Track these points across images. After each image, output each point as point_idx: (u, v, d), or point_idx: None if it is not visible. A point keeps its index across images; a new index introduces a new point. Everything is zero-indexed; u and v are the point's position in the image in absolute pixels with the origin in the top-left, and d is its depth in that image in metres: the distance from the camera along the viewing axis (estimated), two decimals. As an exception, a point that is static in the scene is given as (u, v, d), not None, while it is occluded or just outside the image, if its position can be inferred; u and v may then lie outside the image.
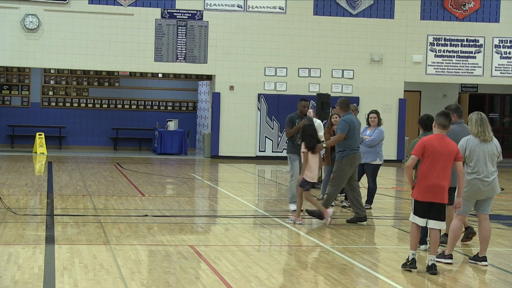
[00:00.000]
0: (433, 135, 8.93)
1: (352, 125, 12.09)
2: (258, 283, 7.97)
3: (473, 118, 9.23)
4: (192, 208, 13.89)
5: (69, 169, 20.08)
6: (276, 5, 25.81)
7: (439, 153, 8.71)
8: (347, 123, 12.06)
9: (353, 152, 12.07)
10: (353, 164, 12.12)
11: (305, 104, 13.16)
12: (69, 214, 12.25)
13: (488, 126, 9.21)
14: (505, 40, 26.89)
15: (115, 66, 25.50)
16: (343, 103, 12.44)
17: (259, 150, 25.69)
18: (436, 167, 8.71)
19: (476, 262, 9.27)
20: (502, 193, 16.05)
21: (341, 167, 12.07)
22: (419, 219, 8.80)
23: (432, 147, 8.72)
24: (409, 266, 8.74)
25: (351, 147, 12.07)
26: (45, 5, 24.51)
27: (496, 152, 9.26)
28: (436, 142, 8.75)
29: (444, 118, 8.85)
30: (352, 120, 12.18)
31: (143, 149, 28.51)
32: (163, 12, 25.20)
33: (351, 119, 12.19)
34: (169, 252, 9.38)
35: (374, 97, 26.14)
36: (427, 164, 8.74)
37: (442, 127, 8.84)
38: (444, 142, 8.78)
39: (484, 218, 9.33)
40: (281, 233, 11.34)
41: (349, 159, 12.04)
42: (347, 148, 12.05)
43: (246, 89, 25.69)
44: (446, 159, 8.73)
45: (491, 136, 9.23)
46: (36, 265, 8.44)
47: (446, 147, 8.75)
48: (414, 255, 8.76)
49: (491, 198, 9.38)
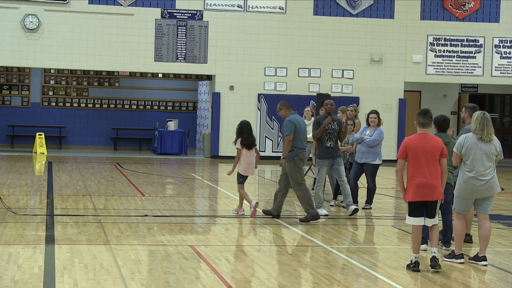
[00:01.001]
0: (415, 134, 8.97)
1: (298, 124, 12.24)
2: (258, 283, 7.97)
3: (475, 115, 9.26)
4: (192, 208, 13.89)
5: (69, 169, 20.08)
6: (276, 5, 25.82)
7: (422, 152, 8.73)
8: (293, 123, 12.20)
9: (301, 151, 12.23)
10: (302, 161, 12.27)
11: (328, 102, 13.04)
12: (69, 214, 12.25)
13: (489, 126, 9.19)
14: (505, 40, 26.89)
15: (115, 66, 25.50)
16: (286, 104, 12.51)
17: (259, 150, 25.65)
18: (421, 166, 8.73)
19: (476, 262, 9.27)
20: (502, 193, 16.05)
21: (294, 167, 12.18)
22: (415, 219, 8.81)
23: (414, 146, 8.76)
24: (413, 269, 8.75)
25: (299, 146, 12.21)
26: (45, 5, 24.51)
27: (495, 151, 9.25)
28: (417, 142, 8.79)
29: (422, 117, 8.93)
30: (297, 120, 12.32)
31: (143, 149, 28.51)
32: (163, 12, 25.20)
33: (296, 119, 12.33)
34: (169, 252, 9.38)
35: (374, 97, 26.14)
36: (412, 164, 8.80)
37: (422, 126, 8.92)
38: (427, 140, 8.81)
39: (484, 217, 9.32)
40: (281, 233, 11.34)
41: (298, 157, 12.19)
42: (295, 148, 12.19)
43: (246, 89, 25.69)
44: (430, 157, 8.75)
45: (490, 137, 9.19)
46: (36, 265, 8.44)
47: (428, 145, 8.76)
48: (417, 258, 8.78)
49: (491, 198, 9.35)
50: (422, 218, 8.81)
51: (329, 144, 12.75)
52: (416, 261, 8.76)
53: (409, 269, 8.78)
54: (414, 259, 8.77)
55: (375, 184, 14.05)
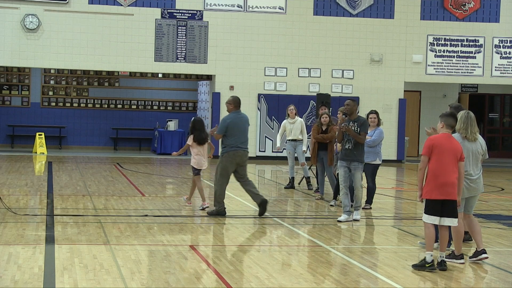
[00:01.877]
0: (440, 134, 9.07)
1: (232, 124, 12.40)
2: (258, 283, 7.98)
3: (460, 115, 9.36)
4: (192, 208, 13.89)
5: (69, 169, 20.08)
6: (276, 5, 25.82)
7: (447, 151, 8.86)
8: (227, 122, 12.43)
9: (233, 150, 12.40)
10: (234, 160, 12.44)
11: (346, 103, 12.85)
12: (69, 214, 12.25)
13: (473, 125, 9.34)
14: (505, 40, 26.89)
15: (115, 66, 25.50)
16: (236, 102, 12.67)
17: (259, 150, 25.70)
18: (445, 164, 8.84)
19: (477, 257, 9.31)
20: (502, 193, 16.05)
21: (222, 163, 12.49)
22: (433, 217, 8.86)
23: (440, 145, 8.88)
24: (428, 268, 8.74)
25: (232, 145, 12.39)
26: (45, 5, 24.52)
27: (481, 150, 9.41)
28: (444, 141, 8.91)
29: (452, 119, 9.06)
30: (233, 121, 12.44)
31: (143, 149, 28.51)
32: (163, 12, 25.20)
33: (233, 118, 12.47)
34: (169, 252, 9.38)
35: (374, 97, 26.14)
36: (436, 162, 8.87)
37: (450, 128, 9.04)
38: (451, 141, 8.96)
39: (469, 217, 9.48)
40: (281, 233, 11.34)
41: (229, 155, 12.40)
42: (227, 145, 12.43)
43: (246, 89, 25.68)
44: (453, 157, 8.88)
45: (474, 136, 9.33)
46: (36, 265, 8.44)
47: (453, 145, 8.92)
48: (432, 256, 8.80)
49: (475, 197, 9.49)
50: (438, 217, 8.86)
51: (347, 146, 12.46)
52: (432, 259, 8.78)
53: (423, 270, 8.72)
54: (430, 258, 8.75)
55: (375, 184, 14.05)
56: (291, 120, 16.64)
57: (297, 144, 16.61)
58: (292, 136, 16.66)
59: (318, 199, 15.03)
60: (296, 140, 16.62)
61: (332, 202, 14.30)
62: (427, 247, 8.87)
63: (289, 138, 16.75)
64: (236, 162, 12.46)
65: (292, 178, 16.96)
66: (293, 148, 16.70)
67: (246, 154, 12.60)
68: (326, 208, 14.07)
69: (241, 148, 12.46)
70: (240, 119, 12.56)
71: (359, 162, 12.50)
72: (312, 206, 14.46)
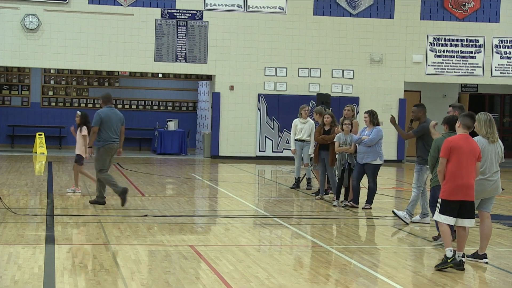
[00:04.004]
0: (458, 135, 9.09)
1: (106, 118, 13.09)
2: (258, 283, 7.97)
3: (482, 119, 9.29)
4: (192, 208, 13.89)
5: (69, 169, 20.05)
6: (276, 5, 25.81)
7: (466, 152, 8.89)
8: (100, 116, 13.10)
9: (107, 143, 13.14)
10: (110, 153, 13.25)
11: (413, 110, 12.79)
12: (69, 214, 12.25)
13: (495, 127, 9.36)
14: (505, 40, 26.89)
15: (115, 66, 25.50)
16: (105, 98, 13.45)
17: (259, 150, 25.69)
18: (464, 166, 8.88)
19: (477, 260, 9.32)
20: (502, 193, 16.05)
21: (99, 155, 13.23)
22: (446, 217, 8.87)
23: (459, 147, 8.91)
24: (452, 263, 8.74)
25: (106, 139, 13.12)
26: (45, 5, 24.51)
27: (500, 152, 9.41)
28: (462, 142, 8.94)
29: (469, 120, 9.10)
30: (106, 114, 13.15)
31: (143, 149, 28.51)
32: (163, 12, 25.20)
33: (105, 112, 13.17)
34: (169, 252, 9.38)
35: (374, 97, 26.14)
36: (455, 164, 8.90)
37: (467, 128, 9.08)
38: (469, 141, 8.99)
39: (486, 216, 9.47)
40: (281, 233, 11.34)
41: (105, 149, 13.18)
42: (101, 139, 13.17)
43: (246, 89, 25.68)
44: (471, 158, 8.92)
45: (497, 137, 9.38)
46: (36, 265, 8.44)
47: (471, 146, 8.95)
48: (452, 251, 8.78)
49: (494, 197, 9.52)
50: (454, 218, 8.89)
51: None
52: (453, 255, 8.76)
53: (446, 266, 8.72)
54: (451, 253, 8.74)
55: (376, 184, 14.02)
56: (302, 120, 16.56)
57: (304, 145, 16.55)
58: (301, 136, 16.60)
59: (318, 199, 15.03)
60: (303, 141, 16.57)
61: (335, 203, 14.25)
62: (446, 244, 8.88)
63: (297, 137, 16.68)
64: (111, 154, 13.31)
65: (298, 179, 16.94)
66: (300, 149, 16.65)
67: (117, 146, 13.41)
68: (326, 208, 14.06)
69: (114, 141, 13.26)
70: (113, 113, 13.29)
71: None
72: (312, 206, 14.46)
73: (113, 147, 13.25)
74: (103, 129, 13.11)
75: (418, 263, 9.31)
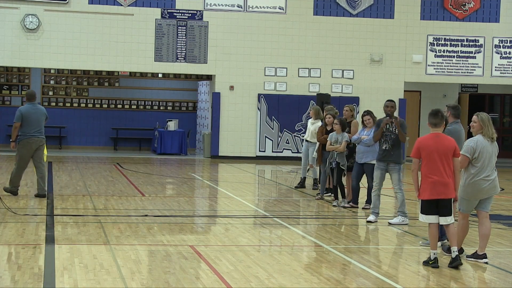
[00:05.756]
0: (428, 134, 9.19)
1: (26, 114, 14.01)
2: (258, 283, 7.98)
3: (485, 119, 9.32)
4: (192, 208, 13.89)
5: (69, 169, 20.08)
6: (276, 5, 25.81)
7: (434, 151, 8.93)
8: (21, 112, 14.07)
9: (27, 138, 13.95)
10: (29, 147, 13.97)
11: (388, 104, 12.74)
12: (69, 214, 12.25)
13: (492, 127, 9.43)
14: (505, 40, 26.89)
15: (115, 66, 25.50)
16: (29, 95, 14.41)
17: (259, 150, 25.69)
18: (436, 165, 8.92)
19: (477, 260, 9.34)
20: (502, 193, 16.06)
21: (19, 150, 14.08)
22: (427, 217, 8.99)
23: (427, 146, 8.98)
24: (432, 265, 8.91)
25: (26, 133, 13.97)
26: (45, 5, 24.51)
27: (496, 151, 9.48)
28: (431, 141, 9.00)
29: (433, 117, 9.13)
30: (27, 110, 14.05)
31: (143, 149, 28.51)
32: (163, 12, 25.20)
33: (26, 109, 14.08)
34: (169, 252, 9.38)
35: (374, 97, 26.13)
36: (426, 163, 9.00)
37: (434, 126, 9.11)
38: (440, 139, 9.01)
39: (485, 216, 9.47)
40: (281, 233, 11.34)
41: (23, 143, 13.99)
42: (21, 134, 14.04)
43: (246, 89, 25.68)
44: (444, 156, 8.94)
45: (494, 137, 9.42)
46: (36, 265, 8.44)
47: (441, 144, 8.96)
48: (435, 254, 8.96)
49: (492, 197, 9.52)
50: (435, 216, 8.99)
51: (384, 146, 12.41)
52: (435, 257, 8.93)
53: (428, 265, 8.93)
54: (433, 255, 8.94)
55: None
56: (313, 121, 16.55)
57: (309, 146, 16.54)
58: (308, 136, 16.59)
59: (318, 199, 15.03)
60: (309, 142, 16.55)
61: (335, 203, 14.26)
62: (431, 246, 9.04)
63: (305, 137, 16.72)
64: (32, 148, 13.98)
65: (303, 179, 16.94)
66: (307, 149, 16.64)
67: (41, 140, 14.10)
68: (326, 208, 14.06)
69: (34, 136, 13.99)
70: (34, 110, 14.13)
71: (397, 163, 12.46)
72: (312, 206, 14.46)
73: (32, 142, 13.95)
74: (24, 125, 13.99)
75: (418, 263, 9.31)
